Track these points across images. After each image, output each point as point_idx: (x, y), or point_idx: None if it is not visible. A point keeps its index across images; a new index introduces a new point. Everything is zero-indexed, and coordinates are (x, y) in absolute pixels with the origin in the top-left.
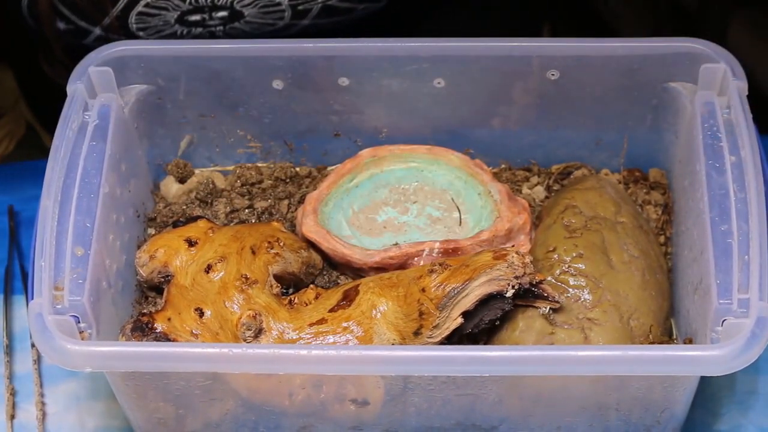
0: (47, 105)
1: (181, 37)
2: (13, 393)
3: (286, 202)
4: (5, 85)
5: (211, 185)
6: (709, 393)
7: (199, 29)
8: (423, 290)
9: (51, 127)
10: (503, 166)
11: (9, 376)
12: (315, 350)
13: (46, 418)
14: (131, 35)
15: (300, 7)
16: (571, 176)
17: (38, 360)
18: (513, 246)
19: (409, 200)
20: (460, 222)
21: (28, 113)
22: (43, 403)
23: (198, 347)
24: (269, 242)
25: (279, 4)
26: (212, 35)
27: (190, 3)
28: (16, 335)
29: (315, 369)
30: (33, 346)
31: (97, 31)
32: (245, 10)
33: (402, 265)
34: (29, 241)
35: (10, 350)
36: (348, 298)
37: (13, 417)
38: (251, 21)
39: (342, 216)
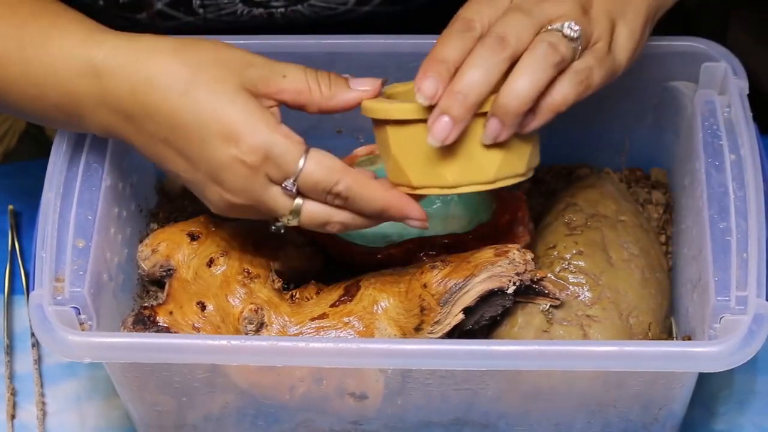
0: None
1: (240, 16)
2: (13, 393)
3: None
4: None
5: None
6: (708, 391)
7: (261, 9)
8: (424, 286)
9: None
10: None
11: (9, 376)
12: (313, 342)
13: (46, 417)
14: (192, 12)
15: None
16: (573, 175)
17: (38, 360)
18: (513, 235)
19: None
20: (458, 216)
21: None
22: (43, 403)
23: (197, 338)
24: (271, 237)
25: None
26: (270, 17)
27: None
28: (17, 335)
29: (314, 361)
30: (33, 346)
31: (158, 5)
32: None
33: (403, 260)
34: (30, 241)
35: (10, 350)
36: (349, 293)
37: (13, 417)
38: (314, 4)
39: None
